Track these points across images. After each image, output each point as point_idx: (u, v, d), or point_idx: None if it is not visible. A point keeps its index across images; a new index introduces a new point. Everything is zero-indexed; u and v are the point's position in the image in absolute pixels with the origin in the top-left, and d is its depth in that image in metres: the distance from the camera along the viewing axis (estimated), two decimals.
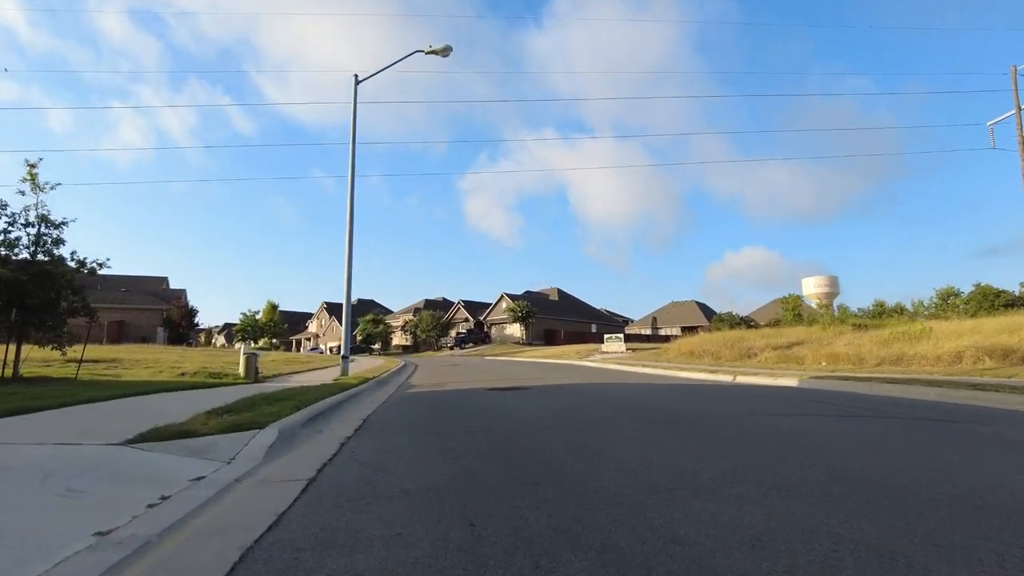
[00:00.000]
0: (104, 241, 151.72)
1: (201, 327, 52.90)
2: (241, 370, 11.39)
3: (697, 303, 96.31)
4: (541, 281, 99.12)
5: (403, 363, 25.38)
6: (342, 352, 12.71)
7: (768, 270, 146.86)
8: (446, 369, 21.40)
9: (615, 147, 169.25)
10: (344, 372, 12.27)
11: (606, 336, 41.20)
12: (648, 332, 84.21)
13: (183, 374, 11.56)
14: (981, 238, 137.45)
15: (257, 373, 11.59)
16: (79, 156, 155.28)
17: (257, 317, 59.41)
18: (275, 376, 13.03)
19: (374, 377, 12.17)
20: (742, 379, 13.11)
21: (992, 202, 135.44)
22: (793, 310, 47.59)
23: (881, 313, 42.58)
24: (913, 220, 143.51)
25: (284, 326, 62.04)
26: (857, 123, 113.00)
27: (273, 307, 60.24)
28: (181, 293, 45.99)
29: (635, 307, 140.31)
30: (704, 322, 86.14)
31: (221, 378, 11.11)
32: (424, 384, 12.50)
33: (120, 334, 39.95)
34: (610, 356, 31.17)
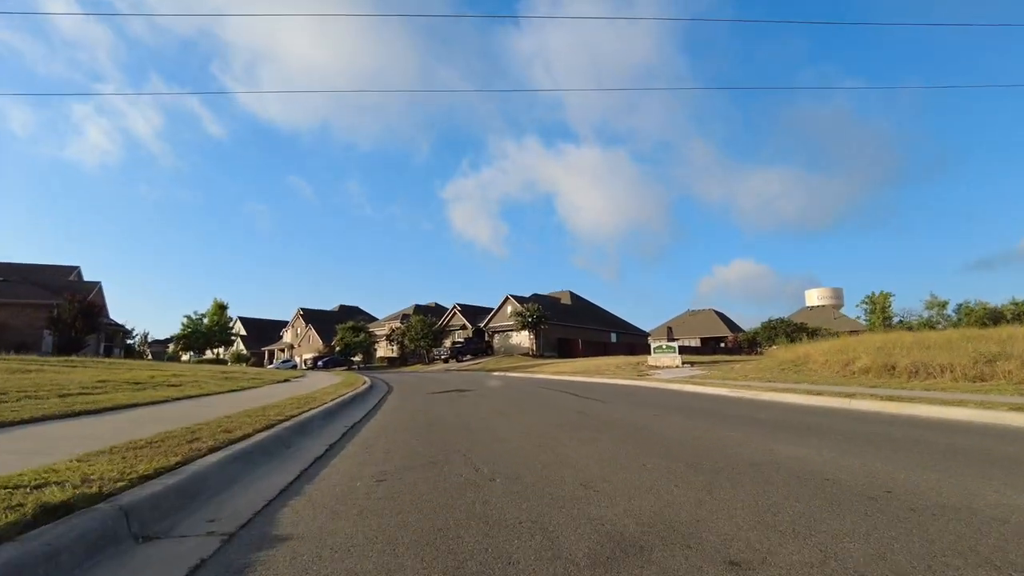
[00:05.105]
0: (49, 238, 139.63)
1: (131, 332, 41.33)
2: None
3: (716, 312, 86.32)
4: (533, 289, 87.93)
5: (367, 384, 14.71)
6: None
7: (760, 282, 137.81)
8: (445, 410, 10.67)
9: (601, 155, 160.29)
10: None
11: (654, 347, 30.72)
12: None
13: None
14: (974, 250, 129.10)
15: None
16: (42, 157, 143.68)
17: (205, 320, 47.48)
18: None
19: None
20: None
21: (988, 213, 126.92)
22: (882, 312, 37.85)
23: (995, 317, 34.45)
24: (907, 231, 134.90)
25: (231, 328, 50.01)
26: (851, 129, 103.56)
27: (221, 307, 47.81)
28: (95, 286, 34.98)
29: (632, 319, 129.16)
30: (726, 332, 75.85)
31: None
32: None
33: None
34: (678, 375, 20.59)
